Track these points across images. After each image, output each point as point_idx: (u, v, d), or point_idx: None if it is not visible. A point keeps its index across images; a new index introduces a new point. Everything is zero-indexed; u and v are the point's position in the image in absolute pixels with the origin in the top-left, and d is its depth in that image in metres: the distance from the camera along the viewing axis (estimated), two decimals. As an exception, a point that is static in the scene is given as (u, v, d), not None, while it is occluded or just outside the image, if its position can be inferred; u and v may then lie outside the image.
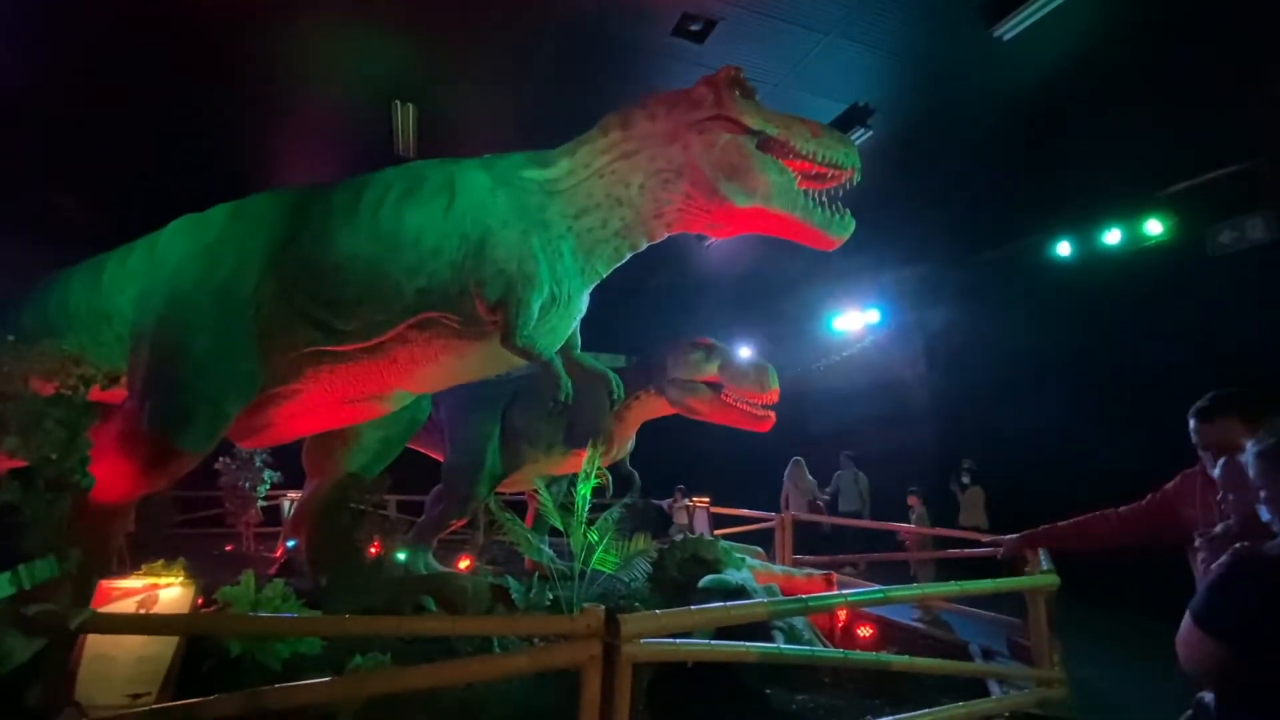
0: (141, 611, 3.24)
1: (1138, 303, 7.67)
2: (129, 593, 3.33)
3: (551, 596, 4.39)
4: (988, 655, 4.34)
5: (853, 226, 3.67)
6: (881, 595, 3.18)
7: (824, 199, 3.69)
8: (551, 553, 4.67)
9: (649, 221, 3.87)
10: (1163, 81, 6.21)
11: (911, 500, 8.35)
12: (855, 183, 3.66)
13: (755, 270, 10.28)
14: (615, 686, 2.40)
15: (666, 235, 3.99)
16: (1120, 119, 6.79)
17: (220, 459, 8.39)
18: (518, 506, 6.37)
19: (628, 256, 4.04)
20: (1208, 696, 1.58)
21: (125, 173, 7.51)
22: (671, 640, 2.67)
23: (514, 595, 4.43)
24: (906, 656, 3.37)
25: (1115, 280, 7.93)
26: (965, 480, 8.68)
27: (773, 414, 5.45)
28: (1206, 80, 6.20)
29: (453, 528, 6.38)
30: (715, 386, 5.53)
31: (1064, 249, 8.49)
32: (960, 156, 7.66)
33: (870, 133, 7.02)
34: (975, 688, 3.73)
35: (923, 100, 6.70)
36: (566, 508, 4.69)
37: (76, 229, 7.94)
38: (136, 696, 2.94)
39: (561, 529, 4.64)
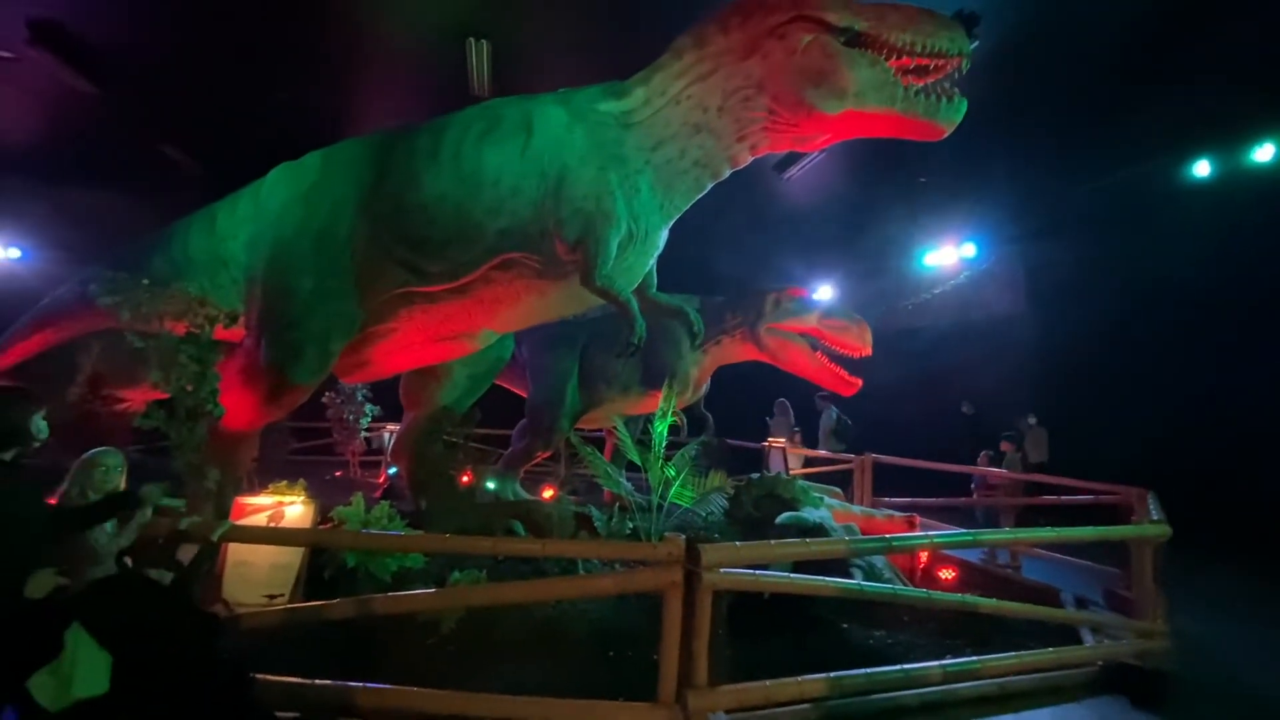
0: (270, 525, 3.68)
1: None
2: (259, 509, 3.79)
3: (631, 526, 4.56)
4: (1081, 604, 4.18)
5: (964, 109, 3.24)
6: (970, 538, 3.11)
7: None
8: (630, 485, 4.83)
9: (731, 146, 3.65)
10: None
11: (1005, 446, 7.99)
12: (964, 71, 3.22)
13: (838, 203, 9.70)
14: (696, 611, 2.50)
15: (751, 159, 3.75)
16: (1276, 10, 5.71)
17: (327, 393, 9.14)
18: (598, 442, 6.60)
19: (709, 186, 3.88)
20: None
21: (220, 123, 7.95)
22: (751, 571, 2.73)
23: (596, 523, 4.64)
24: (994, 600, 3.30)
25: (1265, 204, 6.93)
26: (1031, 421, 8.61)
27: (859, 379, 5.50)
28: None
29: (537, 460, 6.73)
30: (808, 338, 5.62)
31: (1202, 169, 7.49)
32: (1079, 67, 6.72)
33: (976, 44, 6.29)
34: (1064, 635, 3.62)
35: (1038, 2, 5.90)
36: (644, 444, 4.81)
37: (184, 178, 8.59)
38: (272, 597, 3.38)
39: (639, 464, 4.78)
